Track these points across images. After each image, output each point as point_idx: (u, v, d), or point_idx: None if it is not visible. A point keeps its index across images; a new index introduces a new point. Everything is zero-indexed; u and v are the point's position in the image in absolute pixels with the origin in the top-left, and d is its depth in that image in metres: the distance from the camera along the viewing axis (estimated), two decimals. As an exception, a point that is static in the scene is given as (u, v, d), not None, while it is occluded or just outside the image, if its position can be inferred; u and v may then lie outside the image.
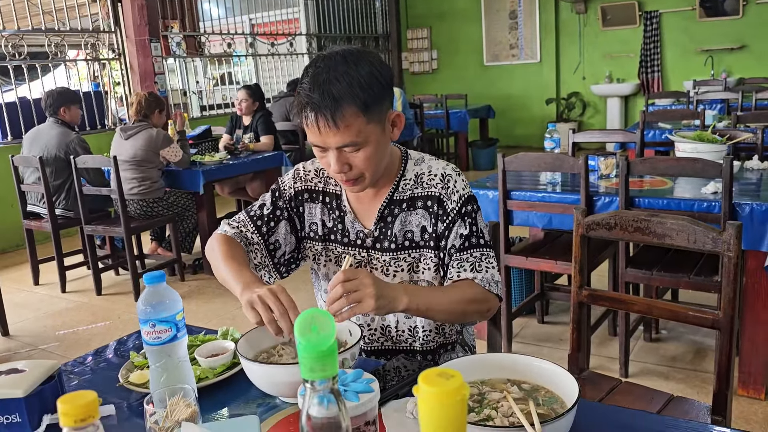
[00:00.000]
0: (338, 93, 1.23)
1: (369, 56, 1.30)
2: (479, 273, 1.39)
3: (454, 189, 1.43)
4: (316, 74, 1.25)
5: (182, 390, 1.01)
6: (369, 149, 1.30)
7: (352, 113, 1.24)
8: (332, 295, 1.16)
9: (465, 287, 1.37)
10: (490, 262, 1.42)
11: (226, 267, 1.35)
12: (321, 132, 1.27)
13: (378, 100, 1.28)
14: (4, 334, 3.61)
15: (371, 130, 1.29)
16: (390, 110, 1.34)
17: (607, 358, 2.91)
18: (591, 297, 1.71)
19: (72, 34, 6.02)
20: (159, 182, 4.25)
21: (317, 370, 0.56)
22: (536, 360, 1.04)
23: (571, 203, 2.75)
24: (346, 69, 1.25)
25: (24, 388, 1.10)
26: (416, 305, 1.27)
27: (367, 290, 1.17)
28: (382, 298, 1.19)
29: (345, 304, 1.16)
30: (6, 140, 5.52)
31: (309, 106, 1.25)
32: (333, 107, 1.23)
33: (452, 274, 1.40)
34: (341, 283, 1.16)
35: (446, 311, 1.34)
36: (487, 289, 1.39)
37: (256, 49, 8.09)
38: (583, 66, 8.89)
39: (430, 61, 10.10)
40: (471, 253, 1.41)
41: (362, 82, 1.25)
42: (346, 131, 1.26)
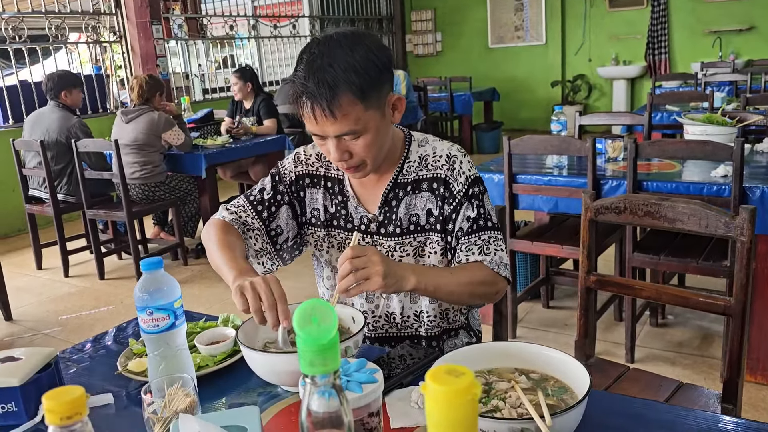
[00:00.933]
0: (334, 80, 1.18)
1: (365, 39, 1.25)
2: (487, 256, 1.36)
3: (461, 170, 1.39)
4: (311, 60, 1.21)
5: (181, 379, 0.99)
6: (369, 136, 1.26)
7: (349, 101, 1.20)
8: (341, 271, 1.14)
9: (474, 269, 1.35)
10: (498, 244, 1.39)
11: (220, 254, 1.31)
12: (318, 121, 1.23)
13: (376, 85, 1.23)
14: (6, 318, 3.61)
15: (370, 117, 1.25)
16: (390, 93, 1.30)
17: (612, 343, 2.89)
18: (599, 282, 1.68)
19: (72, 17, 5.96)
20: (161, 166, 4.22)
21: (318, 364, 0.53)
22: (545, 348, 1.01)
23: (578, 187, 2.70)
24: (341, 54, 1.20)
25: (20, 377, 1.08)
26: (424, 285, 1.24)
27: (375, 267, 1.15)
28: (390, 276, 1.17)
29: (353, 281, 1.14)
30: (7, 124, 5.48)
31: (304, 95, 1.21)
32: (329, 96, 1.18)
33: (460, 258, 1.37)
34: (349, 260, 1.13)
35: (455, 292, 1.31)
36: (495, 272, 1.36)
37: (259, 32, 8.01)
38: (588, 48, 8.78)
39: (434, 43, 9.99)
40: (479, 235, 1.38)
41: (358, 67, 1.20)
42: (344, 120, 1.22)
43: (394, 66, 6.74)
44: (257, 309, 1.11)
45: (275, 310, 1.10)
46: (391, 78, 1.30)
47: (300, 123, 5.76)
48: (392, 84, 1.31)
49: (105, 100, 6.31)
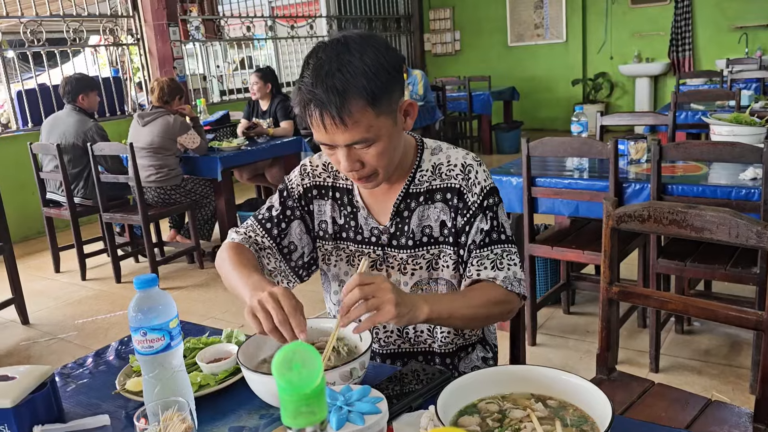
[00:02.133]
0: (343, 86, 1.12)
1: (374, 41, 1.18)
2: (500, 271, 1.29)
3: (476, 180, 1.32)
4: (318, 66, 1.14)
5: (177, 403, 0.94)
6: (381, 144, 1.20)
7: (360, 108, 1.14)
8: (348, 300, 1.04)
9: (487, 289, 1.27)
10: (512, 258, 1.32)
11: (234, 274, 1.25)
12: (327, 130, 1.16)
13: (387, 89, 1.17)
14: (24, 322, 3.61)
15: (382, 124, 1.18)
16: (401, 99, 1.23)
17: (636, 351, 2.79)
18: (622, 294, 1.60)
19: (90, 20, 5.97)
20: (177, 169, 4.20)
21: (303, 415, 0.47)
22: (564, 373, 0.94)
23: (599, 190, 2.62)
24: (349, 58, 1.14)
25: (12, 398, 1.04)
26: (438, 313, 1.16)
27: (387, 296, 1.05)
28: (402, 306, 1.07)
29: (363, 311, 1.05)
30: (26, 127, 5.51)
31: (312, 103, 1.14)
32: (338, 102, 1.12)
33: (471, 272, 1.30)
34: (358, 287, 1.04)
35: (468, 317, 1.24)
36: (509, 290, 1.28)
37: (276, 32, 7.99)
38: (610, 45, 8.62)
39: (452, 42, 9.89)
40: (492, 249, 1.31)
41: (368, 71, 1.13)
42: (355, 128, 1.15)
43: (412, 65, 6.70)
44: (271, 329, 1.05)
45: (288, 326, 1.04)
46: (402, 82, 1.23)
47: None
48: (403, 88, 1.24)
49: (123, 102, 6.33)
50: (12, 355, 3.26)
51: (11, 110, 5.61)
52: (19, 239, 5.38)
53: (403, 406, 1.01)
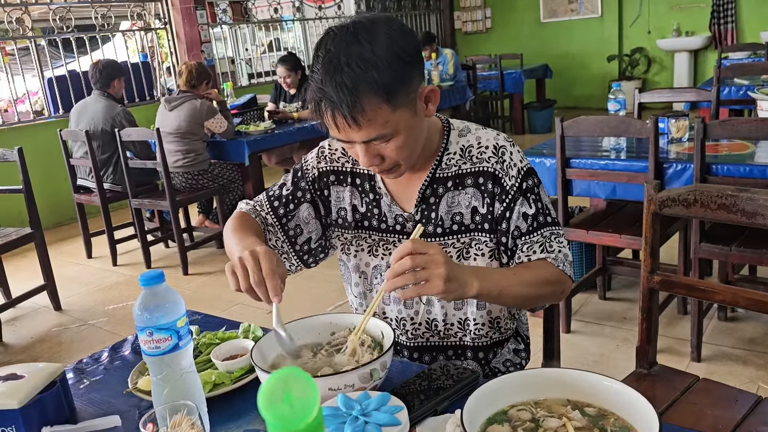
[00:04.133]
0: (353, 82, 1.03)
1: (385, 27, 1.08)
2: (551, 253, 1.21)
3: (511, 162, 1.23)
4: (327, 60, 1.06)
5: (185, 407, 0.88)
6: (400, 138, 1.12)
7: (374, 104, 1.05)
8: (398, 267, 0.98)
9: (539, 267, 1.19)
10: (560, 241, 1.24)
11: (232, 238, 1.22)
12: (340, 129, 1.08)
13: (403, 80, 1.08)
14: (56, 308, 3.64)
15: (399, 117, 1.09)
16: (421, 85, 1.13)
17: (676, 339, 2.67)
18: (664, 283, 1.50)
19: (118, 5, 5.97)
20: (204, 154, 4.17)
21: (296, 453, 0.40)
22: (605, 378, 0.85)
23: (638, 171, 2.49)
24: (359, 50, 1.04)
25: (19, 399, 1.00)
26: (488, 289, 1.08)
27: (438, 269, 0.99)
28: (452, 281, 1.01)
29: (411, 281, 0.99)
30: (57, 114, 5.55)
31: (323, 101, 1.06)
32: (350, 101, 1.03)
33: (522, 259, 1.23)
34: (410, 256, 0.98)
35: (520, 295, 1.16)
36: (561, 269, 1.20)
37: (303, 14, 7.90)
38: (647, 19, 8.31)
39: (483, 19, 9.67)
40: (540, 233, 1.22)
41: (380, 63, 1.04)
42: (370, 125, 1.07)
43: (442, 44, 6.54)
44: (248, 288, 1.03)
45: (263, 287, 1.01)
46: (421, 68, 1.14)
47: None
48: (423, 73, 1.15)
49: (152, 88, 6.33)
50: (44, 341, 3.29)
51: (44, 97, 5.66)
52: (53, 225, 5.46)
53: (427, 410, 0.93)
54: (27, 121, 5.48)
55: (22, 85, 5.72)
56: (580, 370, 0.88)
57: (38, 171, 5.01)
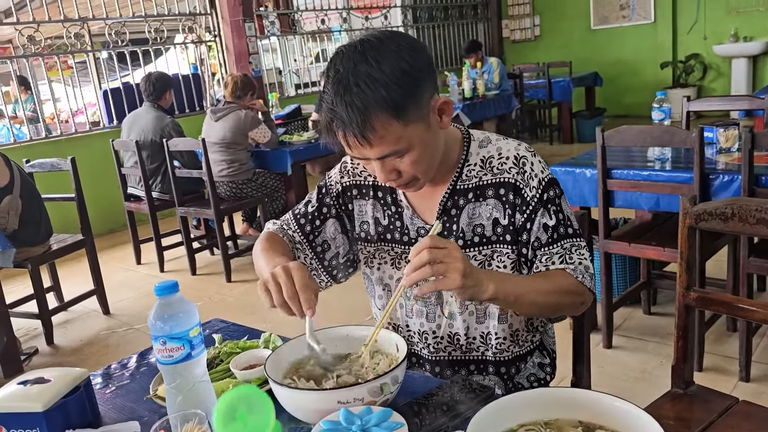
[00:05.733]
0: (363, 102, 1.04)
1: (393, 43, 1.09)
2: (570, 265, 1.19)
3: (532, 173, 1.21)
4: (336, 80, 1.07)
5: (196, 416, 0.89)
6: (415, 153, 1.12)
7: (384, 122, 1.06)
8: (416, 261, 1.00)
9: (558, 277, 1.18)
10: (581, 253, 1.21)
11: (261, 258, 1.25)
12: (353, 148, 1.10)
13: (413, 95, 1.08)
14: (105, 312, 3.76)
15: (412, 132, 1.10)
16: (433, 98, 1.13)
17: (724, 357, 2.56)
18: (701, 300, 1.44)
19: (170, 19, 6.16)
20: (248, 164, 4.26)
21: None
22: (618, 400, 0.82)
23: (683, 183, 2.41)
24: (367, 69, 1.05)
25: (44, 402, 1.03)
26: (504, 294, 1.08)
27: (455, 264, 0.99)
28: (469, 277, 1.01)
29: (429, 274, 0.99)
30: (111, 124, 5.76)
31: (334, 122, 1.08)
32: (360, 120, 1.04)
33: (539, 268, 1.21)
34: (428, 249, 0.99)
35: (537, 303, 1.15)
36: (580, 281, 1.18)
37: (350, 24, 7.98)
38: (703, 24, 8.05)
39: (532, 27, 9.56)
40: (560, 244, 1.21)
41: (388, 81, 1.05)
42: (382, 143, 1.08)
43: (489, 53, 6.49)
44: (281, 303, 1.04)
45: (296, 300, 1.03)
46: (433, 80, 1.14)
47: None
48: (436, 86, 1.14)
49: (201, 98, 6.50)
50: (93, 344, 3.41)
51: (100, 108, 5.89)
52: (106, 232, 5.65)
53: (437, 428, 0.92)
54: (83, 132, 5.70)
55: (80, 97, 5.96)
56: (594, 391, 0.85)
57: (93, 179, 5.21)
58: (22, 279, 4.19)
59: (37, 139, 5.44)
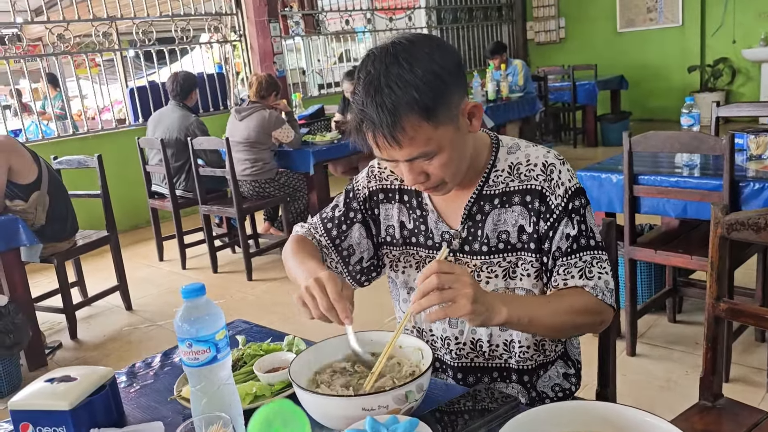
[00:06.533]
0: (393, 103, 1.04)
1: (424, 46, 1.09)
2: (590, 280, 1.17)
3: (559, 181, 1.20)
4: (368, 82, 1.07)
5: (221, 419, 0.89)
6: (444, 155, 1.11)
7: (414, 123, 1.05)
8: (424, 286, 0.98)
9: (574, 296, 1.16)
10: (602, 267, 1.19)
11: (292, 261, 1.27)
12: (382, 149, 1.09)
13: (443, 98, 1.07)
14: (128, 308, 3.81)
15: (442, 135, 1.09)
16: (463, 101, 1.13)
17: (752, 368, 2.51)
18: (731, 312, 1.41)
19: (196, 19, 6.21)
20: (271, 163, 4.28)
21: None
22: (648, 415, 0.80)
23: (712, 190, 2.36)
24: (398, 71, 1.05)
25: (70, 401, 1.04)
26: (517, 317, 1.06)
27: (465, 290, 0.98)
28: (479, 303, 0.99)
29: (437, 301, 0.98)
30: (137, 122, 5.83)
31: (364, 123, 1.08)
32: (390, 121, 1.04)
33: (558, 282, 1.19)
34: (436, 274, 0.98)
35: (552, 325, 1.13)
36: (599, 299, 1.16)
37: (374, 25, 7.98)
38: (732, 28, 7.91)
39: (557, 29, 9.48)
40: (580, 256, 1.18)
41: (419, 83, 1.04)
42: (412, 144, 1.07)
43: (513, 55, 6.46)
44: (320, 315, 1.06)
45: (333, 312, 1.05)
46: (464, 84, 1.14)
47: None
48: (465, 89, 1.14)
49: (226, 97, 6.55)
50: (115, 340, 3.44)
51: (126, 106, 5.96)
52: (130, 228, 5.72)
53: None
54: (109, 129, 5.77)
55: (107, 94, 6.04)
56: (624, 405, 0.83)
57: (119, 176, 5.27)
58: (47, 273, 4.26)
59: (64, 135, 5.52)
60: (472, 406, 0.99)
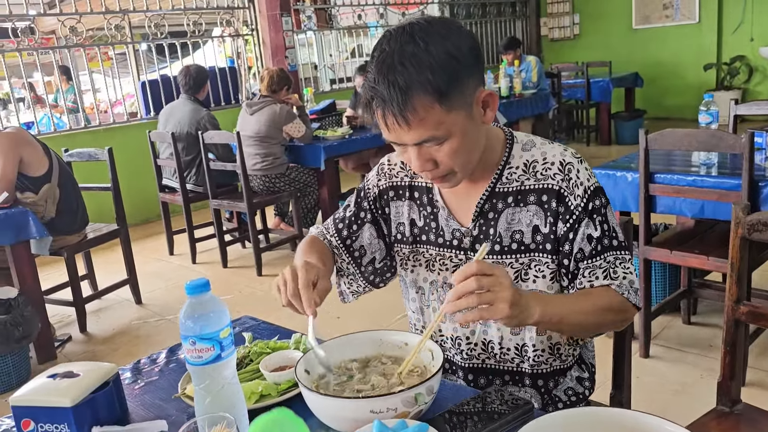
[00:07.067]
0: (406, 81, 1.01)
1: (444, 28, 1.05)
2: (615, 280, 1.14)
3: (577, 181, 1.16)
4: (381, 59, 1.04)
5: (224, 419, 0.87)
6: (454, 141, 1.07)
7: (425, 104, 1.02)
8: (462, 288, 0.95)
9: (601, 294, 1.13)
10: (626, 267, 1.16)
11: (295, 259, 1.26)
12: (391, 129, 1.06)
13: (458, 82, 1.04)
14: (137, 302, 3.80)
15: (453, 120, 1.05)
16: (479, 89, 1.09)
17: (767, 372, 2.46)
18: (751, 315, 1.37)
19: (208, 12, 6.20)
20: (282, 158, 4.25)
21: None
22: (667, 423, 0.77)
23: (730, 189, 2.31)
24: (414, 50, 1.02)
25: (72, 397, 1.02)
26: (549, 317, 1.04)
27: (504, 293, 0.95)
28: (516, 306, 0.97)
29: (475, 303, 0.94)
30: (149, 116, 5.83)
31: (374, 100, 1.05)
32: (401, 100, 1.01)
33: (583, 284, 1.16)
34: (476, 276, 0.94)
35: (580, 324, 1.11)
36: (625, 297, 1.13)
37: (387, 20, 7.93)
38: (750, 25, 7.80)
39: (571, 26, 9.39)
40: (604, 257, 1.15)
41: (434, 63, 1.01)
42: (421, 126, 1.04)
43: (527, 51, 6.39)
44: (287, 302, 1.08)
45: (298, 299, 1.06)
46: (480, 71, 1.10)
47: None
48: (482, 78, 1.10)
49: (237, 91, 6.54)
50: (124, 334, 3.44)
51: (138, 100, 5.96)
52: (141, 221, 5.73)
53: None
54: (121, 122, 5.78)
55: (119, 88, 6.04)
56: (642, 412, 0.80)
57: (129, 170, 5.27)
58: (57, 266, 4.26)
59: (76, 128, 5.53)
60: (483, 409, 0.96)
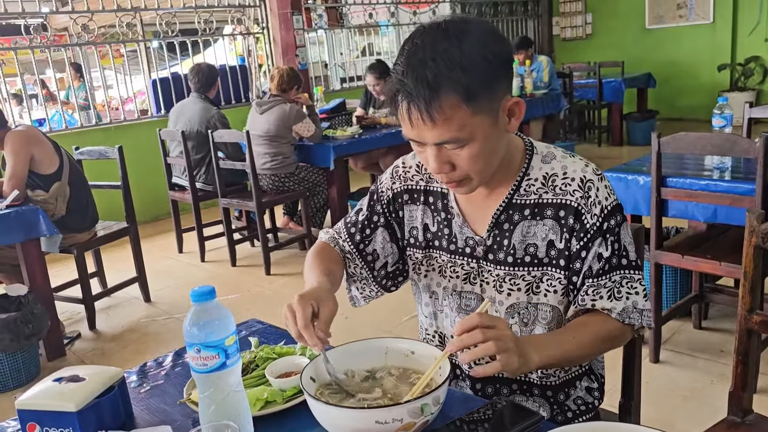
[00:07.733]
0: (435, 78, 0.98)
1: (478, 28, 1.03)
2: (618, 302, 1.13)
3: (596, 199, 1.14)
4: (412, 53, 1.02)
5: (228, 428, 0.86)
6: (475, 146, 1.05)
7: (453, 103, 1.00)
8: (468, 339, 0.95)
9: (599, 324, 1.13)
10: (632, 286, 1.14)
11: (306, 273, 1.24)
12: (414, 125, 1.04)
13: (488, 85, 1.02)
14: (146, 300, 3.81)
15: (478, 123, 1.03)
16: (506, 96, 1.07)
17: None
18: (765, 325, 1.35)
19: (219, 10, 6.21)
20: (291, 157, 4.25)
21: None
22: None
23: (743, 194, 2.28)
24: (446, 46, 1.00)
25: (77, 402, 1.02)
26: (548, 359, 1.06)
27: (509, 344, 0.97)
28: (521, 357, 0.99)
29: (485, 353, 0.95)
30: (159, 114, 5.84)
31: (401, 93, 1.03)
32: (428, 96, 0.99)
33: (585, 302, 1.15)
34: (481, 329, 0.95)
35: (578, 357, 1.13)
36: (626, 323, 1.14)
37: (398, 19, 7.91)
38: (765, 26, 7.71)
39: (584, 25, 9.33)
40: (609, 277, 1.14)
41: (465, 63, 0.99)
42: (445, 125, 1.01)
43: (538, 51, 6.34)
44: (297, 335, 1.04)
45: (303, 339, 1.04)
46: (509, 78, 1.08)
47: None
48: (510, 84, 1.09)
49: (248, 90, 6.54)
50: (133, 331, 3.45)
51: (148, 97, 5.98)
52: (151, 219, 5.74)
53: (480, 453, 0.87)
54: (132, 120, 5.80)
55: (130, 85, 6.06)
56: (650, 427, 0.78)
57: (140, 168, 5.28)
58: (67, 264, 4.28)
59: (87, 126, 5.55)
60: (491, 420, 0.95)
